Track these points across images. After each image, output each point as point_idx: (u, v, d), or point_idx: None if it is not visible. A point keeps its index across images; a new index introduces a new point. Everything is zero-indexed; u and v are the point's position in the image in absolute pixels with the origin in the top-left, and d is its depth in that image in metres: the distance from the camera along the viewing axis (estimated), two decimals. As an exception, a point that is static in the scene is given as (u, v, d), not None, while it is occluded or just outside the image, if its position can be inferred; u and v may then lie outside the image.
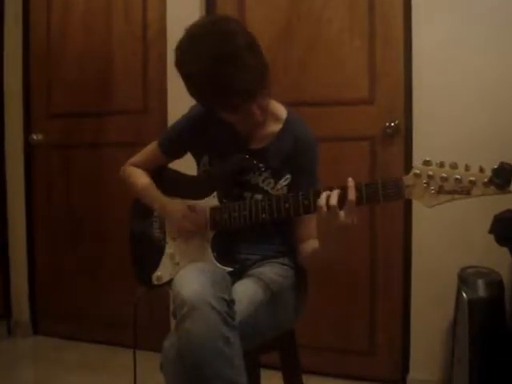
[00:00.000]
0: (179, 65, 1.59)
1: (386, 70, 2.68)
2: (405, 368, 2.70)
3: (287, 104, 1.85)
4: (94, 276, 3.38)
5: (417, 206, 2.58)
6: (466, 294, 2.24)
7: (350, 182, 1.43)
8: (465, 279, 2.30)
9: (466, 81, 2.50)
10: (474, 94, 2.49)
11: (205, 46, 1.51)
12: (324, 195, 1.44)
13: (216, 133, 1.80)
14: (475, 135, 2.47)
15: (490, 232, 1.95)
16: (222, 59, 1.48)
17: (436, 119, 2.54)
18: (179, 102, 1.96)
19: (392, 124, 2.63)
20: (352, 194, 1.41)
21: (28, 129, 3.47)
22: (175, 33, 1.63)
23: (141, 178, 1.93)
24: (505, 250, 2.01)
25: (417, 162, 1.36)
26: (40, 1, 3.40)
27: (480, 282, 2.25)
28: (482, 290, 2.24)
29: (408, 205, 2.63)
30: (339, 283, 2.82)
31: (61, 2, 3.36)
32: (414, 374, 2.66)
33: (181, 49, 1.57)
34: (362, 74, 2.72)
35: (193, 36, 1.56)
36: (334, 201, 1.42)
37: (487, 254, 2.32)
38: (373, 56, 2.70)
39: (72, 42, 3.35)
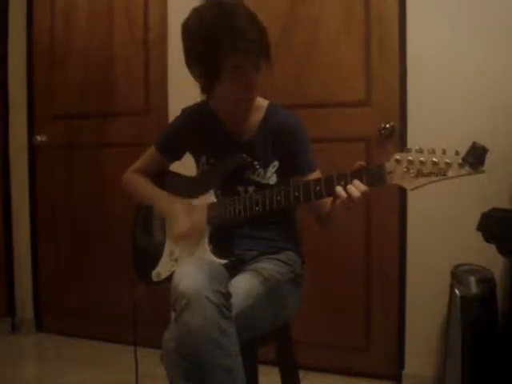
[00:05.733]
0: (190, 28, 1.69)
1: (381, 71, 2.73)
2: (400, 363, 2.75)
3: (285, 107, 1.90)
4: (96, 274, 3.44)
5: (411, 205, 2.64)
6: (458, 290, 2.28)
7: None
8: (458, 276, 2.34)
9: (461, 82, 2.55)
10: (469, 95, 2.53)
11: (214, 9, 1.68)
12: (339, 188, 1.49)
13: (207, 132, 1.89)
14: (470, 137, 2.49)
15: (478, 229, 2.00)
16: (231, 13, 1.64)
17: (430, 121, 2.58)
18: (180, 103, 2.03)
19: (387, 125, 2.68)
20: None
21: (32, 130, 3.54)
22: (176, 35, 1.72)
23: (143, 184, 1.99)
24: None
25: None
26: (43, 4, 3.47)
27: (472, 279, 2.28)
28: (474, 287, 2.27)
29: (403, 203, 2.68)
30: (335, 280, 2.87)
31: (64, 5, 3.42)
32: (409, 370, 2.71)
33: (189, 18, 1.70)
34: (358, 75, 2.78)
35: (198, 9, 1.71)
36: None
37: (480, 251, 2.35)
38: (369, 58, 2.76)
39: (75, 44, 3.42)
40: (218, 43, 1.62)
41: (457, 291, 2.29)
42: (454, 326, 2.32)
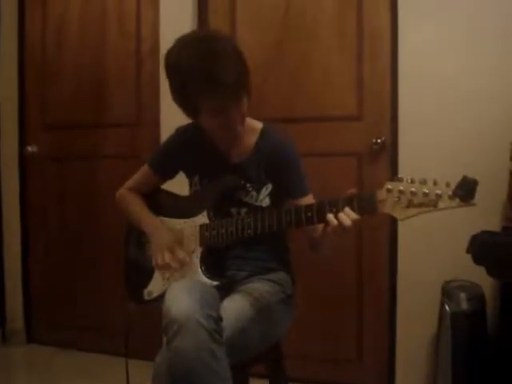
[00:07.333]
0: (169, 64, 1.68)
1: (373, 87, 2.74)
2: (391, 376, 2.76)
3: (277, 120, 1.91)
4: (87, 285, 3.43)
5: (402, 222, 2.65)
6: (448, 307, 2.30)
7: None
8: (448, 292, 2.35)
9: (453, 98, 2.56)
10: (460, 111, 2.55)
11: (194, 46, 1.63)
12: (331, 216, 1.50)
13: (200, 153, 1.89)
14: (460, 154, 2.53)
15: (468, 252, 2.01)
16: (209, 54, 1.60)
17: (421, 136, 2.60)
18: (172, 115, 2.02)
19: (378, 140, 2.69)
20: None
21: (23, 140, 3.52)
22: (168, 47, 1.71)
23: (133, 203, 1.99)
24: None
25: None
26: (35, 14, 3.46)
27: (462, 296, 2.30)
28: (464, 304, 2.29)
29: (394, 219, 2.68)
30: (327, 293, 2.88)
31: (56, 16, 3.41)
32: (399, 383, 2.72)
33: (171, 51, 1.68)
34: (350, 90, 2.79)
35: (182, 40, 1.67)
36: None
37: (470, 268, 2.36)
38: (361, 72, 2.77)
39: (67, 55, 3.40)
40: (193, 87, 1.62)
41: (447, 307, 2.31)
42: (444, 341, 2.33)
